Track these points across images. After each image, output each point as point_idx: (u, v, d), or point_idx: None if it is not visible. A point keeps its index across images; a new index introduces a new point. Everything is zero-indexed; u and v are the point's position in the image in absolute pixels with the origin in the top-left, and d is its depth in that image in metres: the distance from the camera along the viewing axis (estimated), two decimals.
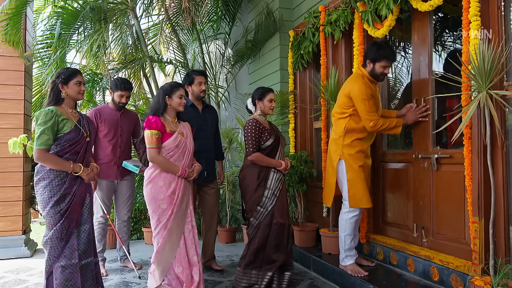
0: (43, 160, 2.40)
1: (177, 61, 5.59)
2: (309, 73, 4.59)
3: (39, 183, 2.44)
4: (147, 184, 2.73)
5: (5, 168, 4.25)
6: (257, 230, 3.00)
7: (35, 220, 7.60)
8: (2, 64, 4.30)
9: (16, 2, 4.04)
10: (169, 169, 2.70)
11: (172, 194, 2.70)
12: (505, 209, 2.45)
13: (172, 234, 2.70)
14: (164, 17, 5.40)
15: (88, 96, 5.87)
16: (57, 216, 2.41)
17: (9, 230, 4.24)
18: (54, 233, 2.41)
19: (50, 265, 2.42)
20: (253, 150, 3.03)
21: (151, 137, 2.68)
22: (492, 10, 2.51)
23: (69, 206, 2.44)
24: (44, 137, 2.37)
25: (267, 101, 3.14)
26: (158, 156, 2.68)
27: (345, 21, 3.70)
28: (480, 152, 2.50)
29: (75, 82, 2.55)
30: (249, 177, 3.07)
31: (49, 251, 2.42)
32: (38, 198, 2.46)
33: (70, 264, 2.41)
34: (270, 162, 3.06)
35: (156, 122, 2.70)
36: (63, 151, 2.44)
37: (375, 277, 3.01)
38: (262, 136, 3.06)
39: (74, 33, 4.43)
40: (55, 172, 2.42)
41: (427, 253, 2.90)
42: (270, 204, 3.01)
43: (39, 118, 2.40)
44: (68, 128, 2.45)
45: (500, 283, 2.23)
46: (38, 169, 2.46)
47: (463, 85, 2.61)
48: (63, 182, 2.44)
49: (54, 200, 2.40)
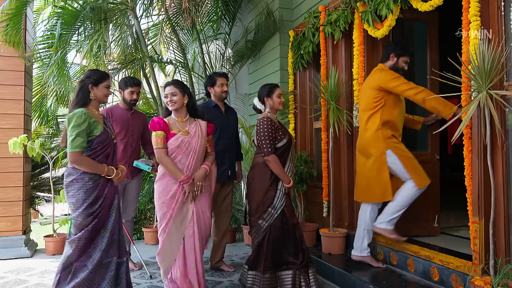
0: (79, 163, 2.38)
1: (177, 61, 5.59)
2: (309, 73, 4.59)
3: (72, 185, 2.42)
4: (155, 183, 2.77)
5: (5, 168, 4.25)
6: (267, 233, 2.91)
7: (35, 220, 7.59)
8: (2, 64, 4.30)
9: (16, 3, 4.04)
10: (173, 173, 2.69)
11: (171, 199, 2.69)
12: (505, 209, 2.45)
13: (172, 237, 2.70)
14: (164, 17, 5.40)
15: None
16: (89, 218, 2.41)
17: (9, 230, 4.24)
18: (84, 234, 2.40)
19: (71, 262, 2.41)
20: (271, 151, 2.92)
21: (156, 138, 2.69)
22: (492, 10, 2.51)
23: (101, 209, 2.44)
24: (79, 140, 2.36)
25: (276, 96, 3.10)
26: (165, 156, 2.68)
27: (345, 21, 3.70)
28: (480, 152, 2.50)
29: (105, 85, 2.56)
30: (260, 178, 2.99)
31: (74, 249, 2.41)
32: (70, 200, 2.44)
33: (92, 263, 2.42)
34: (281, 172, 2.94)
35: (159, 123, 2.70)
36: (94, 154, 2.43)
37: (375, 277, 3.01)
38: (276, 135, 2.99)
39: (74, 33, 4.43)
40: (89, 174, 2.41)
41: (427, 253, 2.90)
42: (280, 205, 2.95)
43: (72, 120, 2.38)
44: (99, 130, 2.45)
45: (500, 283, 2.23)
46: (69, 172, 2.44)
47: (463, 85, 2.61)
48: (96, 185, 2.44)
49: (88, 203, 2.40)
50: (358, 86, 3.56)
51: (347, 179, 3.82)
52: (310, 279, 2.90)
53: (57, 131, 5.92)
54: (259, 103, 3.15)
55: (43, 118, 5.70)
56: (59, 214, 7.07)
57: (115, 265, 2.51)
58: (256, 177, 3.02)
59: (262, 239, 2.92)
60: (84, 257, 2.43)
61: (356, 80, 3.60)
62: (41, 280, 3.39)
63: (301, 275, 2.88)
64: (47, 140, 5.79)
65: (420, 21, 3.78)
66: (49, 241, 4.32)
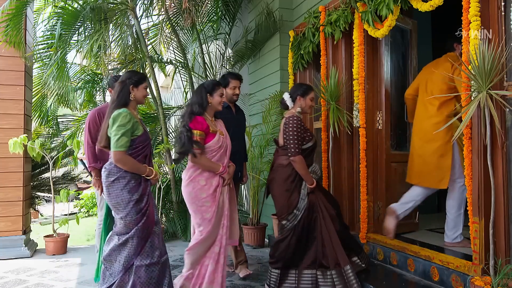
0: (123, 163, 2.39)
1: (177, 61, 5.59)
2: (309, 73, 4.59)
3: (114, 184, 2.42)
4: (188, 184, 2.71)
5: (5, 168, 4.25)
6: (291, 233, 2.92)
7: (35, 220, 7.58)
8: (2, 64, 4.31)
9: (16, 3, 4.04)
10: (211, 168, 2.69)
11: (214, 192, 2.70)
12: (505, 209, 2.45)
13: (214, 230, 2.69)
14: (164, 17, 5.40)
15: (88, 96, 5.87)
16: (139, 215, 2.42)
17: (9, 230, 4.24)
18: (136, 232, 2.41)
19: (128, 262, 2.41)
20: (298, 151, 2.89)
21: (197, 138, 2.65)
22: (492, 10, 2.51)
23: (148, 206, 2.46)
24: (124, 139, 2.38)
25: (309, 99, 3.07)
26: (202, 156, 2.66)
27: (345, 21, 3.70)
28: (480, 152, 2.50)
29: (144, 86, 2.60)
30: (283, 180, 2.96)
31: (129, 249, 2.41)
32: (114, 200, 2.42)
33: (153, 262, 2.43)
34: (306, 173, 2.92)
35: (202, 123, 2.68)
36: (135, 153, 2.45)
37: (375, 277, 3.01)
38: (304, 136, 2.96)
39: (74, 34, 4.43)
40: (130, 174, 2.43)
41: (427, 253, 2.90)
42: (303, 205, 2.94)
43: (117, 119, 2.39)
44: (140, 131, 2.48)
45: (500, 283, 2.24)
46: (111, 170, 2.43)
47: (463, 85, 2.61)
48: (139, 184, 2.46)
49: (135, 200, 2.41)
50: (358, 86, 3.56)
51: (347, 179, 3.82)
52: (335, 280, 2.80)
53: (57, 131, 5.93)
54: (289, 99, 3.10)
55: (43, 118, 5.70)
56: (59, 214, 7.08)
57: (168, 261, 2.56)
58: (279, 179, 2.99)
59: (284, 238, 2.94)
60: (143, 256, 2.42)
61: (356, 80, 3.60)
62: (41, 280, 3.39)
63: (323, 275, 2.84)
64: (47, 140, 5.78)
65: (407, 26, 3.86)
66: (49, 241, 4.32)
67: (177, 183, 5.19)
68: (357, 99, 3.57)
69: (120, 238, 2.43)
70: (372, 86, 3.65)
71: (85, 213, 7.39)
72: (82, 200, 6.94)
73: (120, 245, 2.42)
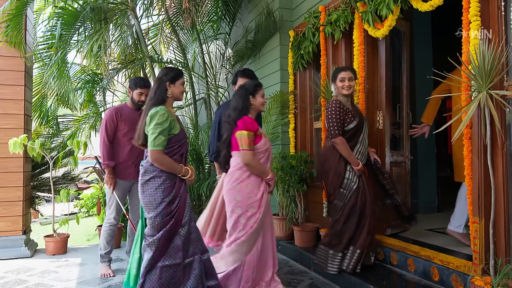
0: (160, 162, 2.36)
1: (177, 61, 5.59)
2: (309, 73, 4.59)
3: (149, 183, 2.40)
4: (235, 186, 2.67)
5: (5, 168, 4.25)
6: (342, 211, 3.02)
7: (35, 220, 7.58)
8: (2, 64, 4.30)
9: (16, 3, 4.04)
10: (262, 173, 2.66)
11: (261, 198, 2.67)
12: (505, 209, 2.45)
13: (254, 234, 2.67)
14: (164, 17, 5.40)
15: (88, 96, 5.87)
16: (167, 217, 2.38)
17: (9, 230, 4.24)
18: (163, 234, 2.38)
19: (152, 264, 2.38)
20: (338, 133, 2.97)
21: (248, 139, 2.60)
22: (492, 10, 2.51)
23: (178, 208, 2.42)
24: (161, 138, 2.35)
25: (339, 80, 3.08)
26: (254, 158, 2.62)
27: (345, 21, 3.70)
28: (480, 152, 2.50)
29: (181, 82, 2.55)
30: (331, 160, 3.05)
31: (154, 251, 2.38)
32: (147, 198, 2.40)
33: (174, 263, 2.40)
34: (349, 155, 2.99)
35: (253, 124, 2.64)
36: (171, 152, 2.42)
37: (375, 277, 3.01)
38: (346, 118, 3.00)
39: (74, 34, 4.43)
40: (166, 173, 2.40)
41: (427, 253, 2.90)
42: (353, 185, 3.00)
43: (154, 118, 2.36)
44: (177, 129, 2.45)
45: (501, 283, 2.24)
46: (147, 169, 2.41)
47: (463, 85, 2.61)
48: (173, 184, 2.42)
49: (167, 202, 2.38)
50: (358, 86, 3.56)
51: None
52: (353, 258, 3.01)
53: (57, 131, 5.92)
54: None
55: (43, 118, 5.70)
56: (59, 214, 7.07)
57: (199, 263, 2.49)
58: (329, 159, 3.08)
59: (338, 218, 3.04)
60: (166, 257, 2.40)
61: (357, 80, 3.59)
62: (41, 280, 3.39)
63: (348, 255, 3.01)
64: (47, 140, 5.78)
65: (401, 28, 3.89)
66: (49, 241, 4.32)
67: None
68: (357, 99, 3.57)
69: (147, 239, 2.42)
70: (372, 86, 3.65)
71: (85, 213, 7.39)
72: (82, 200, 6.94)
73: (147, 247, 2.41)
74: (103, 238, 3.54)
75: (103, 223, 3.59)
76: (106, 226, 3.54)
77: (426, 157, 5.13)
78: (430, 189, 5.15)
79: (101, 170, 3.55)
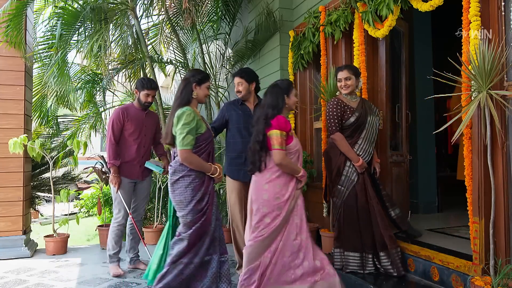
0: (190, 161, 2.42)
1: (177, 61, 5.59)
2: (309, 73, 4.59)
3: (178, 182, 2.45)
4: (264, 185, 2.63)
5: (5, 168, 4.25)
6: (341, 210, 3.02)
7: (35, 220, 7.58)
8: (2, 64, 4.30)
9: (16, 3, 4.04)
10: (295, 171, 2.63)
11: (287, 200, 2.62)
12: (505, 209, 2.45)
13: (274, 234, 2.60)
14: (164, 17, 5.39)
15: (88, 96, 5.87)
16: (199, 215, 2.44)
17: (9, 230, 4.24)
18: (194, 231, 2.43)
19: (179, 256, 2.44)
20: (335, 129, 3.00)
21: (281, 138, 2.57)
22: (492, 10, 2.51)
23: (208, 205, 2.48)
24: (190, 138, 2.41)
25: (337, 81, 3.13)
26: (285, 158, 2.59)
27: (345, 21, 3.70)
28: (480, 152, 2.50)
29: (207, 86, 2.61)
30: (332, 157, 3.08)
31: (186, 246, 2.44)
32: (178, 197, 2.45)
33: (196, 260, 2.46)
34: (348, 150, 3.00)
35: (286, 123, 2.62)
36: (199, 151, 2.47)
37: (375, 277, 3.01)
38: (344, 114, 3.02)
39: (74, 34, 4.43)
40: (195, 172, 2.45)
41: (427, 253, 2.90)
42: (350, 183, 2.99)
43: (182, 118, 2.41)
44: (203, 128, 2.50)
45: (501, 283, 2.24)
46: (176, 168, 2.46)
47: (463, 85, 2.61)
48: (202, 182, 2.48)
49: (197, 199, 2.44)
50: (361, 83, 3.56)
51: None
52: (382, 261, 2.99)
53: (57, 131, 5.92)
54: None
55: (43, 118, 5.70)
56: (59, 214, 7.07)
57: (217, 263, 2.53)
58: (330, 158, 3.12)
59: (339, 217, 3.05)
60: (191, 254, 2.45)
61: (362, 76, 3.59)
62: (41, 280, 3.39)
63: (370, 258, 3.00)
64: (47, 140, 5.78)
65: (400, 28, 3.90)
66: (49, 241, 4.32)
67: None
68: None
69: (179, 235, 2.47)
70: (372, 86, 3.65)
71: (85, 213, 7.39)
72: (82, 200, 6.94)
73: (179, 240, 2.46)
74: (111, 238, 3.52)
75: (111, 223, 3.57)
76: (114, 226, 3.53)
77: (426, 157, 5.13)
78: (430, 189, 5.14)
79: (102, 171, 3.55)
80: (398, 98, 3.95)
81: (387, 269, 2.99)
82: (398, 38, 3.96)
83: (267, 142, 2.62)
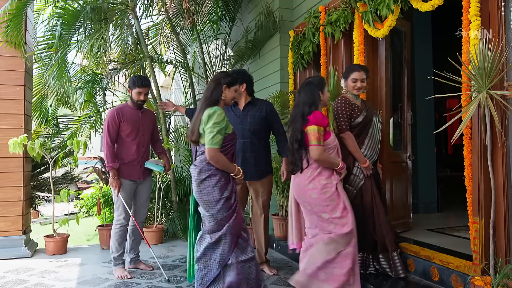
0: (217, 160, 2.43)
1: (177, 61, 5.59)
2: (309, 73, 4.59)
3: (206, 181, 2.45)
4: (307, 185, 2.62)
5: (5, 168, 4.25)
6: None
7: (35, 220, 7.58)
8: (2, 64, 4.30)
9: (17, 3, 4.04)
10: (334, 164, 2.64)
11: (336, 190, 2.63)
12: (505, 209, 2.45)
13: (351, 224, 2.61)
14: (164, 17, 5.40)
15: (88, 96, 5.87)
16: (229, 212, 2.46)
17: (9, 230, 4.24)
18: (228, 229, 2.44)
19: (224, 259, 2.45)
20: (346, 128, 2.96)
21: (319, 134, 2.57)
22: (492, 10, 2.51)
23: (237, 203, 2.51)
24: (219, 137, 2.42)
25: (351, 80, 3.08)
26: (323, 153, 2.59)
27: (345, 21, 3.70)
28: (480, 152, 2.50)
29: (235, 89, 2.65)
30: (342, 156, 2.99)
31: (223, 247, 2.45)
32: (205, 197, 2.45)
33: (248, 258, 2.48)
34: (355, 151, 2.96)
35: (323, 118, 2.62)
36: (225, 151, 2.49)
37: (375, 277, 3.01)
38: (352, 113, 3.01)
39: (74, 34, 4.43)
40: (221, 171, 2.47)
41: (427, 253, 2.90)
42: (358, 183, 2.98)
43: (213, 117, 2.42)
44: (230, 129, 2.53)
45: (501, 283, 2.24)
46: (202, 168, 2.46)
47: (463, 85, 2.61)
48: (228, 181, 2.50)
49: (225, 197, 2.45)
50: None
51: None
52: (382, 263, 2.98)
53: (57, 131, 5.92)
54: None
55: (43, 118, 5.70)
56: (59, 214, 7.07)
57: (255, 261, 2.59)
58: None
59: None
60: (238, 253, 2.46)
61: None
62: (41, 280, 3.39)
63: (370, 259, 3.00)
64: (47, 140, 5.78)
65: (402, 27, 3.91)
66: (49, 241, 4.32)
67: (177, 183, 5.19)
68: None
69: (212, 236, 2.46)
70: (372, 86, 3.65)
71: (85, 213, 7.38)
72: (82, 200, 6.94)
73: (214, 243, 2.46)
74: (114, 240, 3.47)
75: (113, 225, 3.51)
76: (116, 228, 3.47)
77: (426, 157, 5.13)
78: (430, 189, 5.15)
79: (102, 171, 3.53)
80: (399, 98, 3.94)
81: (386, 271, 2.99)
82: (399, 38, 3.95)
83: (306, 140, 2.63)
